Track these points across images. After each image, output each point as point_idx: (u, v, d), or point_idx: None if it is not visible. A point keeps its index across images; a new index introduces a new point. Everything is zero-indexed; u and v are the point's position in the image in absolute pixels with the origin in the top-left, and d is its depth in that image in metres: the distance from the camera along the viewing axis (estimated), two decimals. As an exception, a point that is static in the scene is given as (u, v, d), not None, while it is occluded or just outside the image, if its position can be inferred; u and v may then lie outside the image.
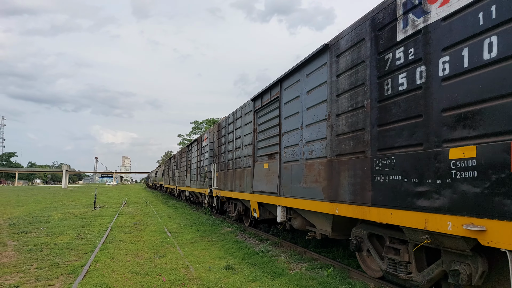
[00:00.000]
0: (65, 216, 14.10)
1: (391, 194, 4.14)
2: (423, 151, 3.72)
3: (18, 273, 5.72)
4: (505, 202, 2.91)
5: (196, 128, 62.65)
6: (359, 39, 4.90)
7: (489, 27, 3.12)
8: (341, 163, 5.16)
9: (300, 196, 6.32)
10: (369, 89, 4.58)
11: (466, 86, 3.30)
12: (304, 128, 6.33)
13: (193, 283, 5.19)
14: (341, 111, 5.20)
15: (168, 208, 18.79)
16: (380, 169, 4.34)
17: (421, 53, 3.81)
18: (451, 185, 3.38)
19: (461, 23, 3.39)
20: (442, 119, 3.50)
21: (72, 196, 31.28)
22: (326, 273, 5.60)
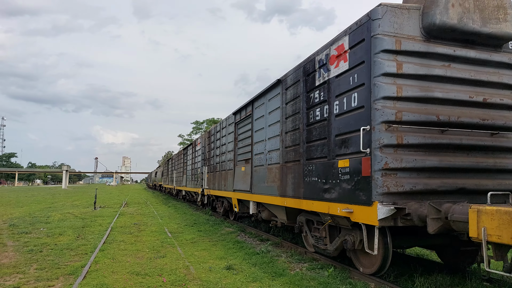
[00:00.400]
0: (65, 216, 14.09)
1: (313, 190, 5.91)
2: (327, 161, 5.55)
3: (18, 274, 5.71)
4: (360, 193, 4.70)
5: (197, 128, 62.65)
6: (297, 79, 6.71)
7: (354, 87, 4.98)
8: (287, 168, 6.93)
9: (265, 193, 8.04)
10: (302, 116, 6.39)
11: (344, 121, 5.17)
12: (267, 140, 8.08)
13: (193, 284, 5.17)
14: (288, 130, 6.99)
15: (169, 209, 18.78)
16: (308, 173, 6.10)
17: (326, 96, 5.66)
18: (339, 184, 5.20)
19: (344, 81, 5.23)
20: (335, 141, 5.37)
21: (72, 197, 31.27)
22: (327, 273, 5.59)
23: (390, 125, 4.49)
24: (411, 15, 4.75)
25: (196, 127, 62.84)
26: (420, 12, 4.76)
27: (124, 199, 27.56)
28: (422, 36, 4.75)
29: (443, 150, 4.76)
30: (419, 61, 4.71)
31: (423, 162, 4.60)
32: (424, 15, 4.72)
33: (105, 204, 21.95)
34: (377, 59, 4.56)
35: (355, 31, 5.03)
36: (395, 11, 4.65)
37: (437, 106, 4.76)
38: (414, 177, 4.57)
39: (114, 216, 14.24)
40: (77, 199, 27.57)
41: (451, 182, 4.69)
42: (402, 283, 5.21)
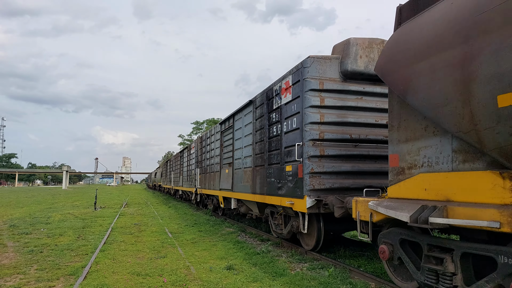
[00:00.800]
0: (66, 217, 14.09)
1: (272, 188, 7.62)
2: (280, 166, 7.29)
3: (18, 275, 5.71)
4: (297, 190, 6.40)
5: (197, 128, 62.64)
6: (262, 102, 8.51)
7: (294, 113, 6.69)
8: (257, 171, 8.64)
9: (242, 191, 9.70)
10: (265, 131, 8.16)
11: (289, 137, 6.86)
12: (244, 148, 9.75)
13: (194, 284, 5.18)
14: (257, 141, 8.74)
15: (169, 209, 18.78)
16: (269, 174, 7.84)
17: (279, 118, 7.36)
18: (286, 183, 6.90)
19: (289, 108, 6.89)
20: (284, 151, 7.06)
21: (72, 197, 31.28)
22: (327, 273, 5.59)
23: (315, 142, 6.29)
24: (332, 63, 6.53)
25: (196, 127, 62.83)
26: (339, 61, 6.53)
27: (125, 200, 27.56)
28: (340, 78, 6.53)
29: (355, 159, 6.53)
30: (337, 96, 6.48)
31: (340, 168, 6.41)
32: (341, 63, 6.51)
33: (106, 204, 21.95)
34: (307, 95, 6.35)
35: (295, 73, 6.74)
36: (320, 61, 6.43)
37: (351, 128, 6.54)
38: (333, 178, 6.35)
39: (114, 217, 14.24)
40: (77, 199, 27.57)
41: (360, 181, 6.43)
42: (403, 282, 5.20)
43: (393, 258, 4.57)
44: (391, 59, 4.48)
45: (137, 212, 16.97)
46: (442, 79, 3.55)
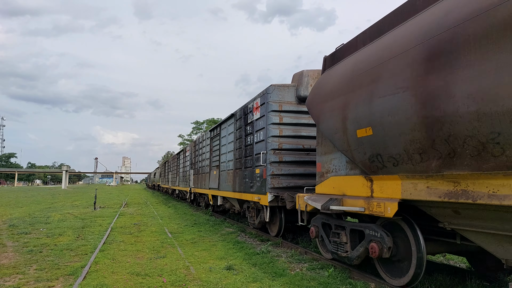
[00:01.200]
0: (65, 217, 14.08)
1: (246, 187, 9.27)
2: (252, 169, 8.91)
3: (17, 274, 5.70)
4: (262, 188, 8.05)
5: (197, 128, 62.57)
6: (240, 116, 10.14)
7: (261, 128, 8.37)
8: (236, 172, 10.34)
9: (226, 190, 11.38)
10: (243, 140, 9.77)
11: (258, 147, 8.48)
12: (228, 153, 11.49)
13: (193, 284, 5.17)
14: (236, 148, 10.46)
15: (169, 209, 18.77)
16: (244, 176, 9.48)
17: (252, 130, 9.00)
18: (256, 183, 8.53)
19: (258, 123, 8.54)
20: (255, 157, 8.64)
21: (72, 197, 31.25)
22: (327, 273, 5.58)
23: (275, 151, 8.05)
24: (290, 90, 8.29)
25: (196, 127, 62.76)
26: (295, 88, 8.30)
27: (124, 199, 27.54)
28: (296, 101, 8.25)
29: (306, 164, 8.16)
30: (293, 115, 8.21)
31: (294, 171, 8.13)
32: (296, 90, 8.27)
33: (105, 204, 21.94)
34: (269, 115, 8.12)
35: (262, 96, 8.56)
36: (279, 88, 8.21)
37: (303, 140, 8.24)
38: (289, 179, 8.07)
39: (114, 217, 14.23)
40: (77, 199, 27.55)
41: (311, 182, 7.80)
42: (403, 283, 5.20)
43: (318, 236, 6.42)
44: (313, 97, 6.10)
45: (137, 212, 16.95)
46: (335, 116, 5.22)
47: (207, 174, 14.26)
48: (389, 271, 5.05)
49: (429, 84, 3.60)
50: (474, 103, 3.13)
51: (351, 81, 4.92)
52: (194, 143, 18.69)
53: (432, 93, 3.56)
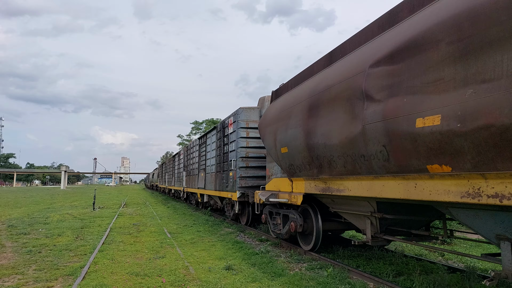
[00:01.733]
0: (64, 217, 14.07)
1: (224, 186, 11.42)
2: (227, 172, 11.12)
3: (16, 275, 5.70)
4: (234, 187, 10.35)
5: (196, 128, 62.42)
6: (220, 129, 12.45)
7: (233, 140, 10.77)
8: (217, 175, 12.60)
9: (210, 189, 13.73)
10: (221, 149, 11.93)
11: (231, 155, 10.82)
12: (211, 158, 13.83)
13: (193, 284, 5.17)
14: (217, 154, 12.66)
15: (168, 209, 18.76)
16: (222, 177, 11.62)
17: (227, 141, 11.25)
18: (229, 183, 10.86)
19: (231, 136, 10.88)
20: (229, 163, 10.86)
21: (71, 197, 31.21)
22: (326, 273, 5.60)
23: (243, 158, 10.27)
24: (255, 111, 10.66)
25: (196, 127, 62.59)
26: (259, 110, 10.65)
27: (123, 200, 27.52)
28: (259, 120, 9.14)
29: (266, 169, 9.04)
30: (257, 130, 9.30)
31: (257, 174, 10.36)
32: (260, 111, 10.62)
33: (104, 204, 21.92)
34: (239, 131, 10.37)
35: (233, 116, 10.80)
36: (247, 110, 10.53)
37: (264, 150, 9.65)
38: (253, 180, 10.27)
39: (113, 217, 14.22)
40: (76, 199, 27.52)
41: None
42: (401, 282, 5.23)
43: (267, 221, 8.67)
44: (261, 122, 8.20)
45: (136, 212, 16.94)
46: (271, 137, 7.33)
47: (196, 176, 16.85)
48: (302, 241, 7.52)
49: (309, 125, 5.76)
50: (323, 138, 5.31)
51: (279, 114, 7.10)
52: (186, 148, 21.25)
53: (309, 130, 5.73)
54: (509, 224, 3.38)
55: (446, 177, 3.46)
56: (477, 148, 3.03)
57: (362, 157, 4.51)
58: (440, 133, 3.29)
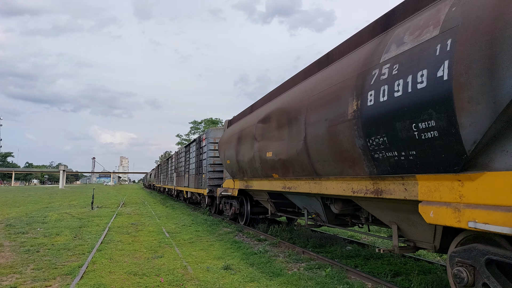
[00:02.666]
0: (62, 216, 14.04)
1: (199, 184, 15.33)
2: (201, 174, 15.01)
3: (14, 274, 5.68)
4: (204, 185, 14.16)
5: (195, 128, 62.36)
6: (197, 142, 16.47)
7: (205, 152, 14.66)
8: (196, 176, 16.23)
9: (192, 187, 17.07)
10: (198, 157, 15.80)
11: (204, 162, 14.79)
12: (192, 163, 17.11)
13: (191, 284, 5.17)
14: (196, 161, 16.29)
15: (166, 209, 18.75)
16: (198, 178, 15.67)
17: (202, 152, 15.11)
18: (202, 182, 14.66)
19: (205, 149, 14.45)
20: (203, 167, 14.73)
21: (69, 197, 31.15)
22: (324, 273, 5.60)
23: (211, 165, 13.77)
24: (220, 130, 13.90)
25: (194, 127, 62.54)
26: (224, 129, 12.24)
27: (122, 199, 27.48)
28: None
29: None
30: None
31: (220, 176, 13.43)
32: (224, 131, 11.94)
33: (103, 204, 21.89)
34: (209, 145, 14.10)
35: (205, 133, 14.60)
36: (214, 130, 14.45)
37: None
38: (218, 181, 13.47)
39: (111, 216, 14.21)
40: (74, 199, 27.47)
41: None
42: (399, 282, 5.24)
43: (223, 209, 12.90)
44: (219, 142, 11.64)
45: (134, 211, 16.93)
46: (222, 153, 10.96)
47: (183, 177, 20.56)
48: (240, 219, 11.64)
49: (237, 148, 9.19)
50: (243, 157, 8.76)
51: (227, 138, 10.57)
52: (177, 153, 24.94)
53: (238, 152, 9.13)
54: (307, 202, 6.87)
55: (277, 179, 7.21)
56: (281, 167, 6.68)
57: (255, 169, 8.20)
58: (272, 160, 7.00)
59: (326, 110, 4.99)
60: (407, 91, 3.45)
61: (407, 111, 3.44)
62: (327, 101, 5.01)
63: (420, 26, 3.63)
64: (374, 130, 3.93)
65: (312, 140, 5.40)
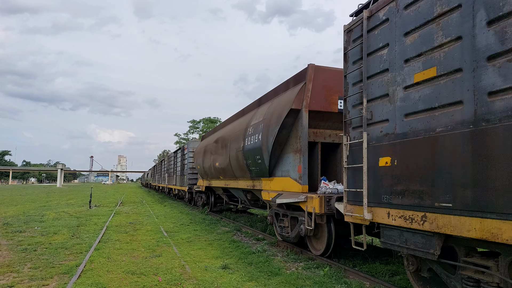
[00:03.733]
0: (60, 215, 14.00)
1: (183, 183, 20.14)
2: (183, 175, 19.96)
3: (11, 273, 5.66)
4: (187, 183, 18.72)
5: (193, 127, 62.27)
6: (181, 151, 21.31)
7: (186, 158, 19.53)
8: (181, 176, 20.94)
9: (178, 185, 21.91)
10: (182, 163, 20.47)
11: (185, 166, 19.86)
12: (178, 166, 22.10)
13: (189, 283, 5.16)
14: (181, 165, 21.12)
15: (164, 208, 18.73)
16: (182, 178, 20.40)
17: (184, 158, 20.10)
18: (184, 181, 19.55)
19: (187, 156, 19.09)
20: (184, 170, 19.63)
21: (67, 195, 31.07)
22: (322, 273, 5.60)
23: (190, 169, 18.03)
24: (198, 142, 18.44)
25: (193, 126, 62.46)
26: (200, 139, 18.89)
27: (120, 198, 27.44)
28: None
29: None
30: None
31: (197, 177, 17.62)
32: (201, 143, 16.45)
33: (101, 203, 21.84)
34: (189, 153, 18.41)
35: (187, 144, 19.41)
36: (194, 142, 19.09)
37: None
38: (195, 180, 17.85)
39: (109, 215, 14.18)
40: (72, 198, 27.40)
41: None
42: (397, 282, 5.24)
43: (201, 197, 16.89)
44: (195, 151, 16.91)
45: (132, 210, 16.90)
46: (195, 160, 16.21)
47: (172, 177, 25.07)
48: (207, 208, 16.07)
49: (203, 158, 14.01)
50: (205, 165, 13.61)
51: (198, 150, 15.42)
52: (168, 157, 29.53)
53: (203, 160, 13.91)
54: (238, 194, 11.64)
55: (221, 180, 12.07)
56: (223, 172, 11.47)
57: (212, 173, 12.68)
58: (219, 167, 11.63)
59: (235, 143, 9.89)
60: (254, 142, 8.32)
61: (254, 150, 8.29)
62: (236, 139, 9.91)
63: (260, 113, 8.56)
64: (248, 157, 8.81)
65: (232, 158, 10.22)
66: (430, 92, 3.72)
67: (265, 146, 7.61)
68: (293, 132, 7.08)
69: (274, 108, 7.62)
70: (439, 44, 3.64)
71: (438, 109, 3.62)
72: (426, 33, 3.81)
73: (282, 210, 7.65)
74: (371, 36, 4.64)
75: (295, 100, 6.74)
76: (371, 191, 4.50)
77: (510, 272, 3.27)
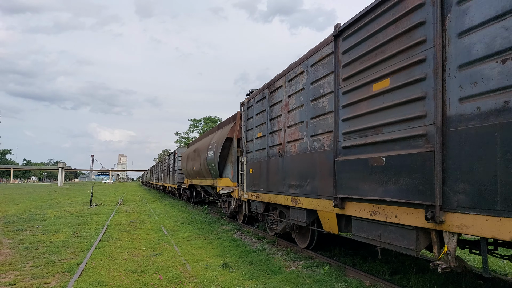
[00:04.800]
0: (61, 214, 14.04)
1: (174, 181, 25.19)
2: (175, 174, 24.75)
3: (13, 271, 5.69)
4: (177, 182, 24.07)
5: (194, 126, 62.30)
6: (173, 155, 27.56)
7: (177, 161, 24.51)
8: (172, 176, 26.36)
9: (170, 183, 28.05)
10: (174, 164, 25.50)
11: (176, 167, 24.59)
12: (171, 167, 27.42)
13: (189, 281, 5.19)
14: (174, 166, 25.69)
15: (165, 206, 18.76)
16: (173, 177, 25.93)
17: (175, 161, 25.44)
18: (175, 180, 24.63)
19: (176, 159, 24.79)
20: (175, 171, 25.40)
21: (68, 194, 31.13)
22: (322, 271, 5.62)
23: (179, 170, 22.25)
24: (185, 149, 23.15)
25: (194, 124, 62.50)
26: (186, 147, 23.91)
27: (120, 197, 27.49)
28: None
29: None
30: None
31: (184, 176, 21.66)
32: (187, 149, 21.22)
33: (101, 201, 21.89)
34: (178, 157, 23.50)
35: (177, 150, 24.78)
36: (182, 148, 24.57)
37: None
38: (182, 179, 22.09)
39: (110, 214, 14.21)
40: (73, 196, 27.46)
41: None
42: (397, 280, 5.26)
43: (187, 191, 21.86)
44: (181, 157, 21.19)
45: (133, 209, 16.94)
46: (182, 164, 20.50)
47: (167, 176, 30.09)
48: (191, 202, 21.05)
49: (187, 163, 18.15)
50: (188, 168, 18.15)
51: (184, 155, 19.79)
52: (163, 159, 34.00)
53: (187, 164, 18.26)
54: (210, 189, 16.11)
55: (198, 179, 16.38)
56: (198, 174, 15.65)
57: (192, 174, 17.07)
58: (196, 170, 15.86)
59: (203, 154, 13.91)
60: (211, 154, 12.69)
61: (212, 160, 12.54)
62: (204, 151, 14.00)
63: (216, 136, 13.19)
64: (209, 164, 13.00)
65: (202, 164, 14.12)
66: (260, 142, 8.50)
67: (216, 158, 11.92)
68: (230, 150, 11.60)
69: (220, 135, 12.29)
70: (264, 122, 8.28)
71: (263, 150, 8.31)
72: (260, 116, 8.55)
73: (225, 198, 12.40)
74: (249, 110, 9.48)
75: (229, 131, 11.29)
76: (247, 184, 9.37)
77: (280, 215, 7.87)
